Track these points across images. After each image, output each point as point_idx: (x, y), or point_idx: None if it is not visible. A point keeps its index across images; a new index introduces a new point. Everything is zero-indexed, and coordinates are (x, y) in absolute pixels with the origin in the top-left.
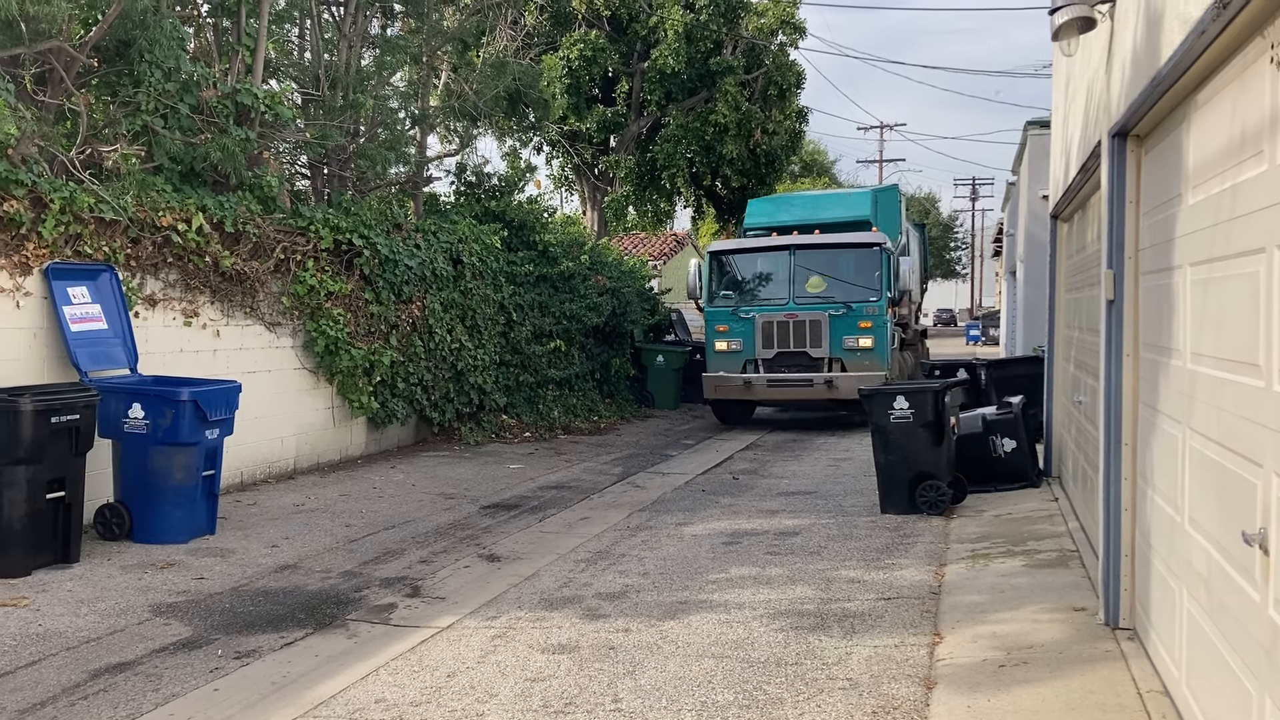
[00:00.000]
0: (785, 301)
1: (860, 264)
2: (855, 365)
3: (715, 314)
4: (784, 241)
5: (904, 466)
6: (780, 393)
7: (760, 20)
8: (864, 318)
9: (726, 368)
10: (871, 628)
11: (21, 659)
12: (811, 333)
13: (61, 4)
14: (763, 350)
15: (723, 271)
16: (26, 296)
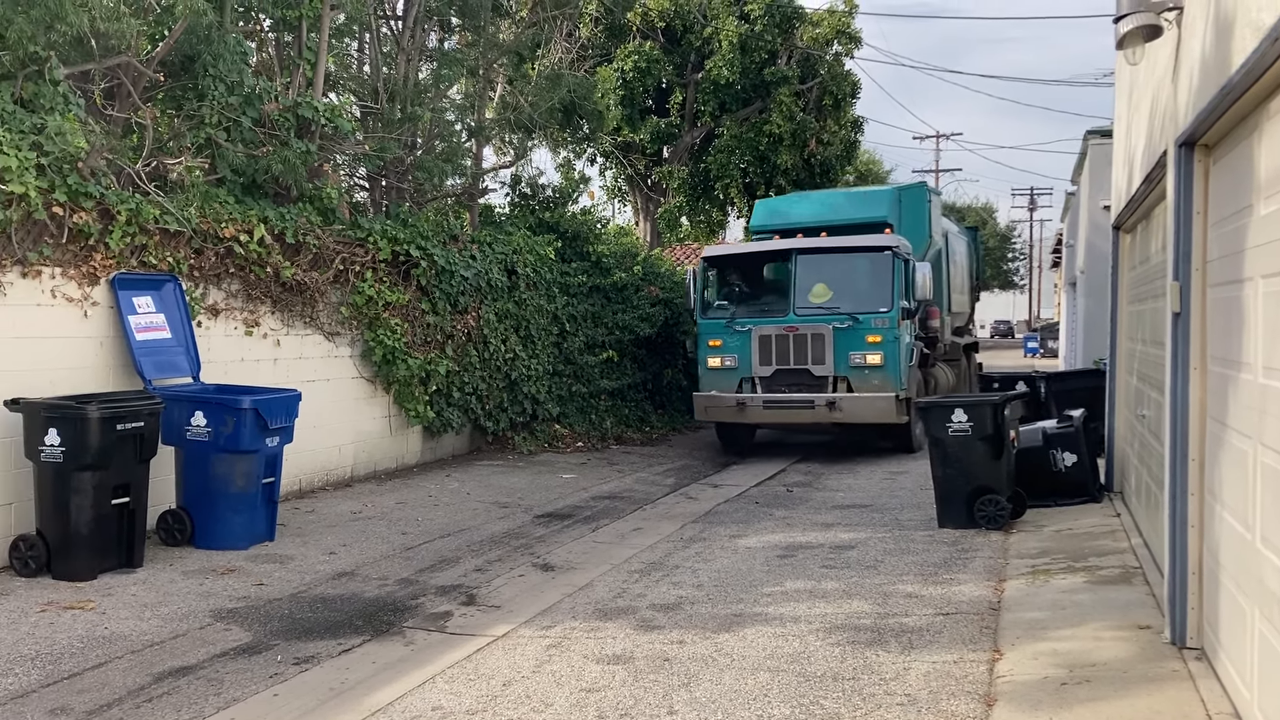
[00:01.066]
0: (785, 312)
1: (869, 270)
2: (863, 385)
3: (708, 327)
4: (783, 245)
5: (962, 480)
6: (777, 415)
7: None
8: (873, 331)
9: (719, 386)
10: (930, 643)
11: (89, 661)
12: (814, 348)
13: (130, 21)
14: (759, 367)
15: (717, 279)
16: (94, 306)
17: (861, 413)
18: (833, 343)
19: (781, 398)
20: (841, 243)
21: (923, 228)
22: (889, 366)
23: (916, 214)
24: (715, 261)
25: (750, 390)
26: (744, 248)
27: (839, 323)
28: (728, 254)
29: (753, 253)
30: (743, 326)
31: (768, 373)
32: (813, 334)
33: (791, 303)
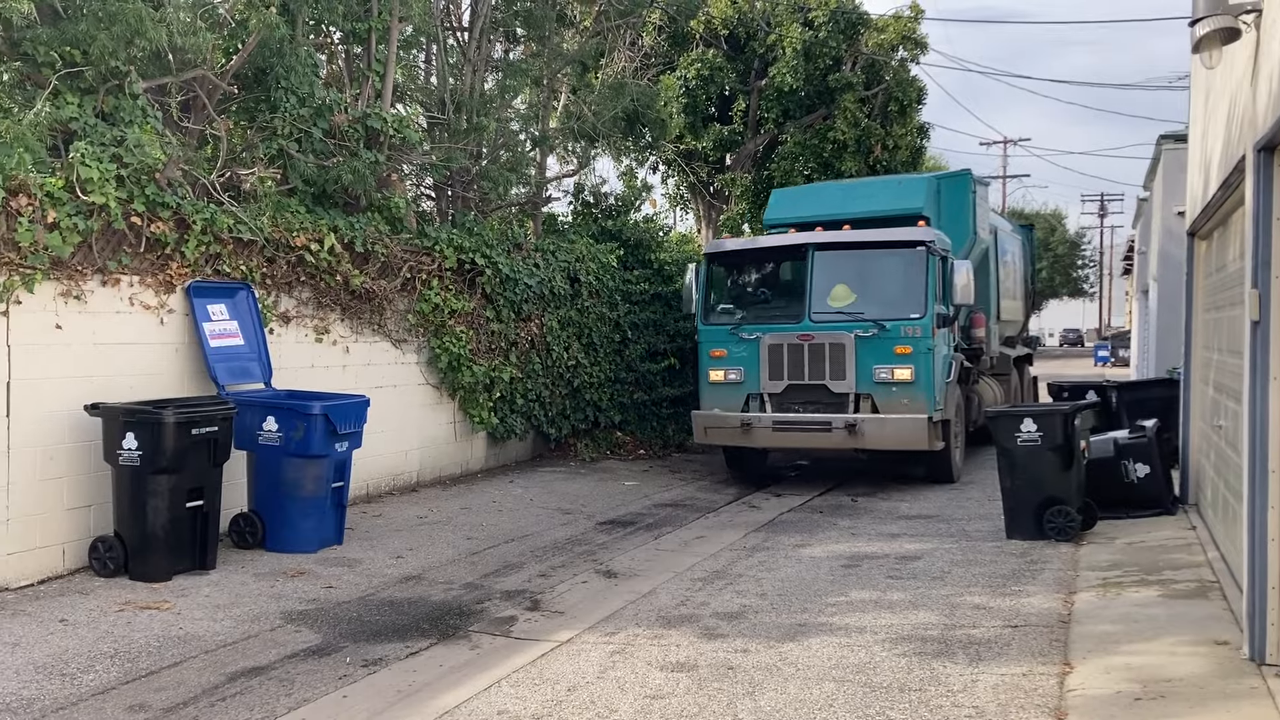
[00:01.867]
0: (799, 318)
1: (899, 269)
2: (890, 404)
3: (710, 334)
4: (797, 240)
5: (1031, 491)
6: (788, 439)
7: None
8: (903, 341)
9: (722, 404)
10: (998, 655)
11: (165, 660)
12: (832, 359)
13: (206, 35)
14: (769, 382)
15: (721, 279)
16: (170, 313)
17: (888, 437)
18: (854, 354)
19: (793, 419)
20: (866, 236)
21: (965, 222)
22: (921, 383)
23: (958, 206)
24: (719, 258)
25: (758, 408)
26: (752, 242)
27: (862, 330)
28: (733, 249)
29: (762, 248)
30: (750, 334)
31: (778, 388)
32: (831, 343)
33: (807, 307)
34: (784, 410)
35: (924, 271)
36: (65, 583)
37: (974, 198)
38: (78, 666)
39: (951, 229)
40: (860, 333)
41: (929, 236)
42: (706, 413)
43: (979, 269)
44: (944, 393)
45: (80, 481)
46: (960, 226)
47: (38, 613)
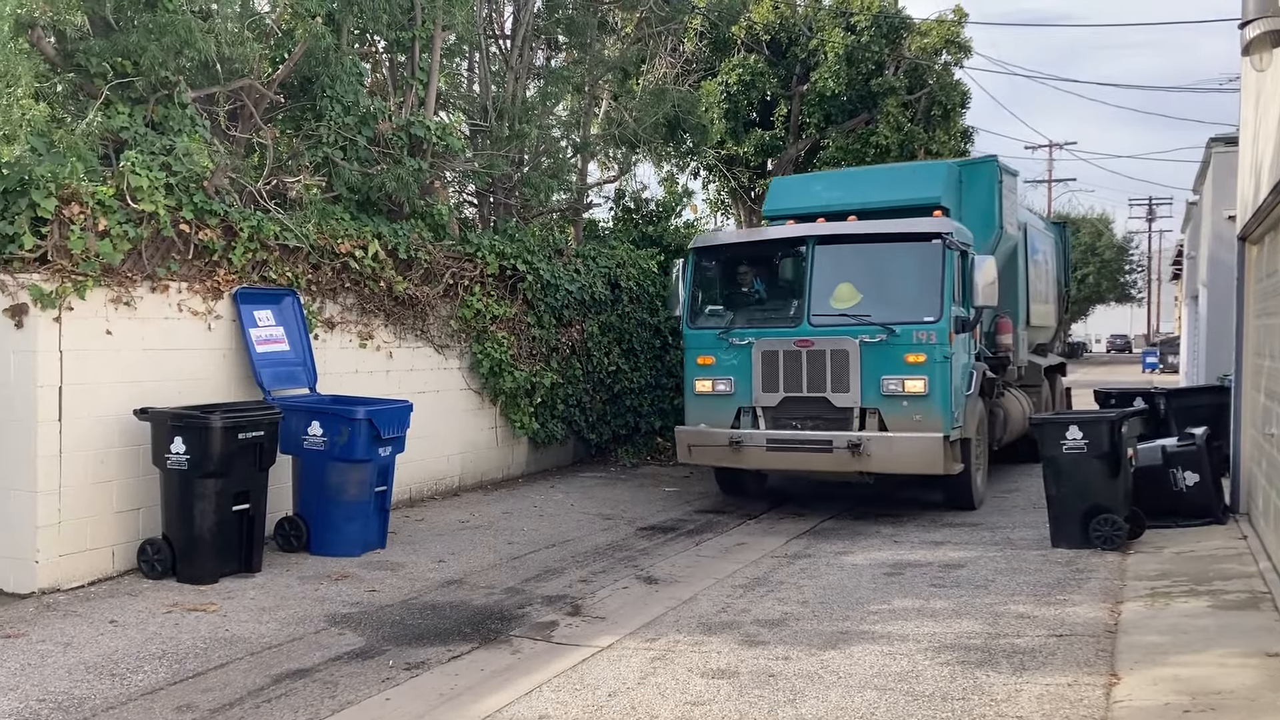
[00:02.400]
0: (797, 321)
1: (912, 265)
2: (900, 421)
3: (697, 339)
4: (796, 232)
5: (1076, 499)
6: (784, 460)
7: (924, 40)
8: (915, 348)
9: (710, 418)
10: (1042, 665)
11: (211, 661)
12: (834, 369)
13: (253, 45)
14: (762, 394)
15: (710, 277)
16: (217, 319)
17: (897, 459)
18: (860, 362)
19: (790, 437)
20: (874, 228)
21: (990, 215)
22: (936, 396)
23: (982, 197)
24: (708, 253)
25: (750, 424)
26: (745, 235)
27: (868, 336)
28: (724, 244)
29: (756, 242)
30: (741, 339)
31: (773, 401)
32: (833, 350)
33: (806, 309)
34: (779, 426)
35: (940, 268)
36: (115, 584)
37: (1000, 188)
38: (127, 667)
39: (974, 222)
40: (866, 338)
41: (946, 228)
42: (691, 429)
43: (1006, 268)
44: (963, 408)
45: (129, 485)
46: (984, 220)
47: (88, 613)
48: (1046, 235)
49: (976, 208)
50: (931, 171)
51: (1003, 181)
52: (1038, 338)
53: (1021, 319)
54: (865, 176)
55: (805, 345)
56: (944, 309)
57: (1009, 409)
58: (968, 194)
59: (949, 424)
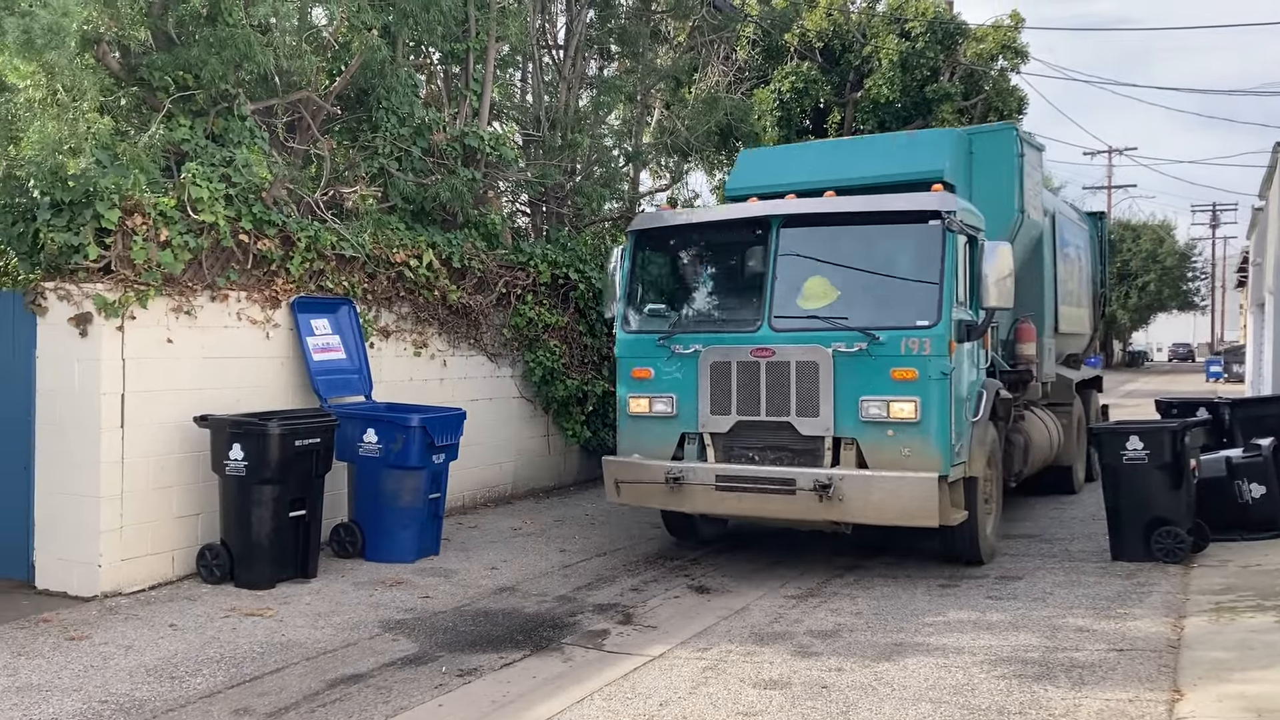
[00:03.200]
0: (755, 324)
1: (901, 254)
2: (883, 455)
3: (632, 345)
4: (757, 211)
5: (1137, 510)
6: (735, 503)
7: (979, 46)
8: (903, 360)
9: (646, 446)
10: (1102, 680)
11: (268, 665)
12: (800, 386)
13: (311, 58)
14: (711, 417)
15: (651, 267)
16: (275, 328)
17: (878, 507)
18: (833, 378)
19: (742, 474)
20: (853, 205)
21: (1008, 195)
22: (931, 423)
23: (998, 173)
24: (650, 238)
25: (696, 455)
26: (694, 215)
27: (845, 344)
28: (669, 225)
29: (709, 223)
30: (686, 347)
31: (723, 426)
32: (799, 362)
33: (767, 308)
34: (732, 458)
35: (938, 257)
36: (174, 588)
37: (1021, 162)
38: (186, 670)
39: (988, 204)
40: (842, 347)
41: (947, 205)
42: (621, 460)
43: (1028, 261)
44: (967, 437)
45: (189, 491)
46: (1000, 201)
47: (149, 617)
48: (1080, 227)
49: (991, 186)
50: (934, 140)
51: (1024, 155)
52: (1068, 347)
53: (1048, 324)
54: (853, 147)
55: (764, 355)
56: (943, 310)
57: (1031, 435)
58: (980, 169)
59: (948, 460)
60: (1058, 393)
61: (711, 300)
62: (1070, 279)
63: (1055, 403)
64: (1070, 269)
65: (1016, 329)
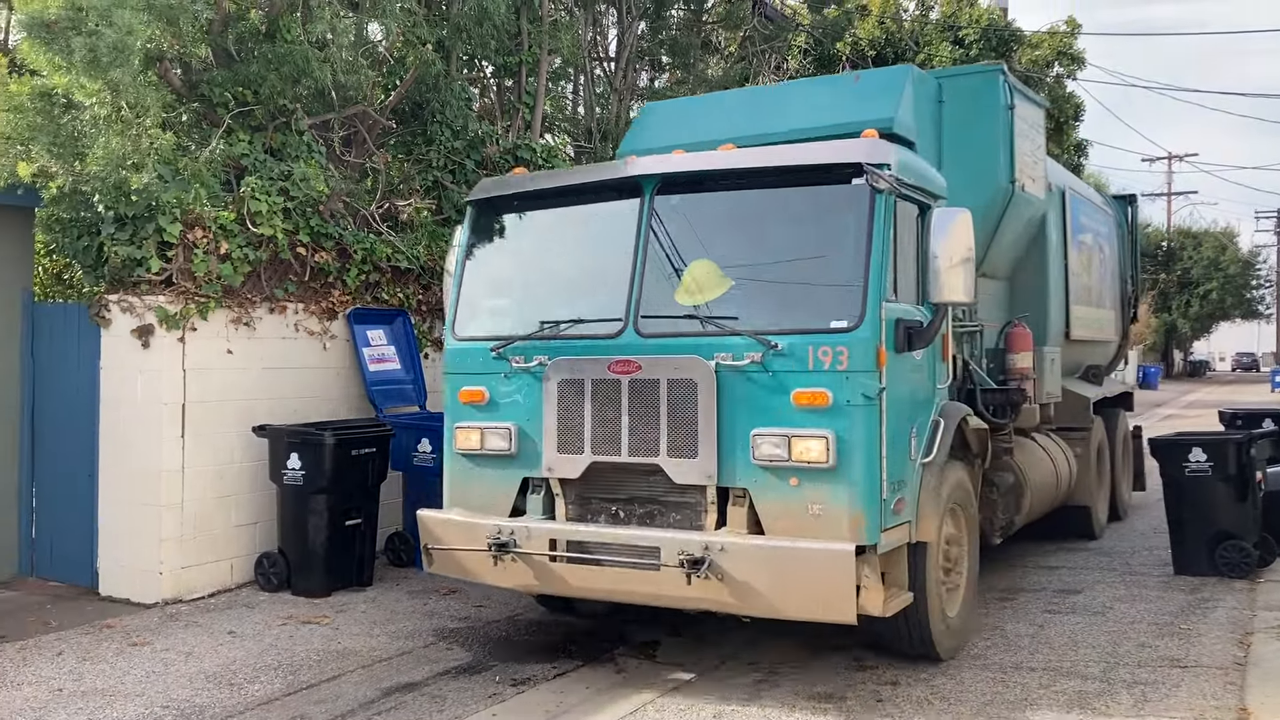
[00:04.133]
0: (618, 328)
1: (815, 227)
2: (783, 515)
3: (461, 357)
4: (622, 172)
5: (1201, 524)
6: (583, 581)
7: (1034, 53)
8: (811, 378)
9: (473, 497)
10: (1165, 697)
11: (324, 673)
12: (673, 413)
13: (366, 73)
14: (558, 456)
15: (494, 250)
16: (332, 339)
17: (770, 591)
18: (716, 403)
19: (592, 540)
20: (748, 160)
21: (990, 160)
22: (850, 468)
23: (978, 130)
24: (491, 211)
25: (542, 510)
26: (545, 179)
27: (732, 354)
28: (514, 194)
29: (563, 189)
30: (529, 359)
31: (575, 468)
32: (672, 380)
33: (632, 306)
34: (587, 516)
35: (863, 230)
36: (233, 596)
37: (1011, 117)
38: (244, 677)
39: (966, 171)
40: (728, 358)
41: (878, 156)
42: (436, 517)
43: (1024, 248)
44: (912, 486)
45: (247, 499)
46: (982, 168)
47: (208, 624)
48: (1103, 213)
49: (969, 148)
50: (883, 82)
51: (1015, 108)
52: (1087, 357)
53: (1053, 329)
54: (782, 94)
55: (627, 370)
56: (868, 305)
57: (1027, 472)
58: (953, 125)
59: (875, 521)
60: (1070, 415)
61: (566, 295)
62: (1086, 273)
63: (1068, 427)
64: (1087, 261)
65: (1007, 334)
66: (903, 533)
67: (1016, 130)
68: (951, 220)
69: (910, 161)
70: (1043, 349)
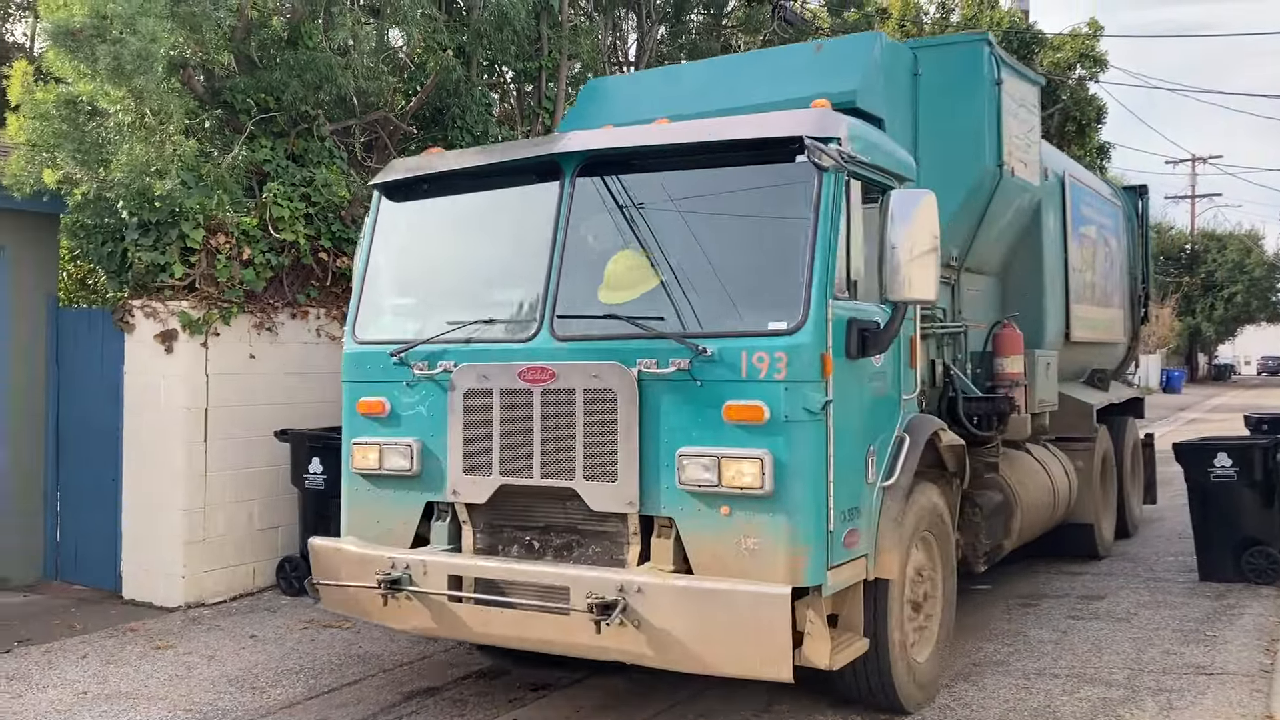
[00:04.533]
0: (531, 329)
1: (753, 212)
2: (713, 549)
3: (360, 364)
4: (542, 149)
5: (1226, 529)
6: (485, 625)
7: (1056, 55)
8: (746, 388)
9: (370, 524)
10: (1191, 705)
11: (346, 677)
12: (590, 429)
13: (388, 79)
14: (464, 477)
15: (401, 243)
16: None
17: (691, 642)
18: (638, 416)
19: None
20: (678, 135)
21: (974, 140)
22: (790, 494)
23: (960, 106)
24: (400, 196)
25: (448, 539)
26: (459, 159)
27: (657, 360)
28: (423, 175)
29: (478, 170)
30: (433, 365)
31: (482, 492)
32: (589, 390)
33: (547, 305)
34: (493, 548)
35: (808, 215)
36: (254, 600)
37: (998, 93)
38: (266, 681)
39: (945, 153)
40: (652, 365)
41: (826, 129)
42: (326, 546)
43: (1016, 240)
44: (871, 515)
45: (269, 503)
46: (965, 146)
47: (230, 628)
48: (1110, 204)
49: (950, 126)
50: (846, 51)
51: (1002, 83)
52: (1093, 360)
53: (1050, 330)
54: (736, 66)
55: (539, 378)
56: (811, 302)
57: (1018, 490)
58: (931, 100)
59: (821, 558)
60: (1070, 424)
61: (480, 292)
62: (1090, 268)
63: (1068, 438)
64: (1090, 255)
65: (995, 337)
66: (857, 569)
67: (1005, 108)
68: (913, 204)
69: (868, 136)
70: (1036, 352)
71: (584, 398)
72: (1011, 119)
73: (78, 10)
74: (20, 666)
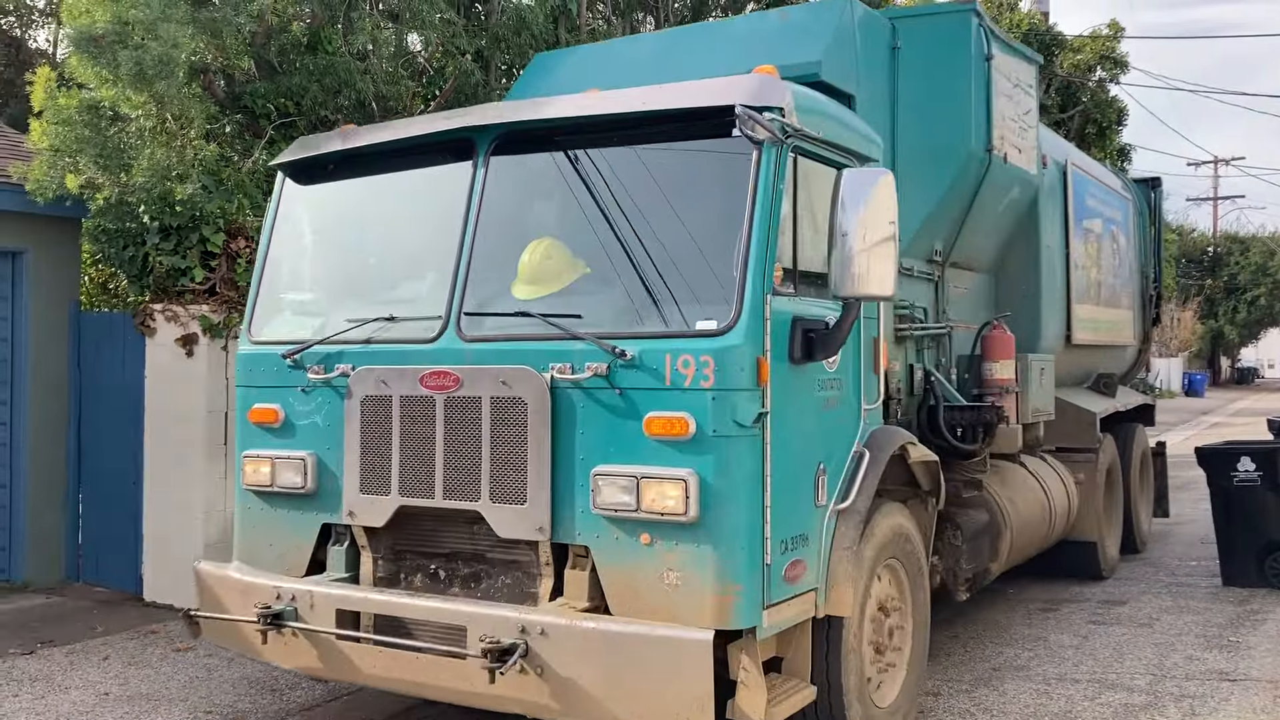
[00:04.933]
0: (437, 328)
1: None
2: (631, 584)
3: (253, 367)
4: (453, 122)
5: (1250, 534)
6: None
7: (1077, 57)
8: (669, 398)
9: (261, 549)
10: (1214, 711)
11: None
12: (497, 443)
13: (407, 83)
14: (360, 497)
15: (303, 232)
16: None
17: (601, 694)
18: (550, 429)
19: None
20: (601, 106)
21: (960, 119)
22: (720, 521)
23: (943, 83)
24: (303, 178)
25: (345, 565)
26: (363, 137)
27: (571, 364)
28: (329, 154)
29: (386, 147)
30: (329, 369)
31: (380, 514)
32: (496, 399)
33: (454, 301)
34: (394, 577)
35: (744, 198)
36: None
37: (988, 69)
38: (286, 683)
39: (925, 131)
40: (566, 370)
41: (768, 98)
42: (209, 573)
43: (1009, 232)
44: (820, 544)
45: None
46: (949, 127)
47: None
48: (1119, 196)
49: (932, 104)
50: (810, 19)
51: (993, 59)
52: (1098, 364)
53: (1048, 332)
54: (701, 36)
55: (443, 384)
56: (745, 298)
57: (1006, 508)
58: (912, 77)
59: (752, 596)
60: (1071, 433)
61: (385, 286)
62: (1094, 266)
63: (1069, 448)
64: (1095, 251)
65: (983, 340)
66: (803, 606)
67: (995, 86)
68: (868, 185)
69: (819, 106)
70: (1029, 356)
71: (491, 407)
72: (1003, 99)
73: (100, 16)
74: (43, 668)
